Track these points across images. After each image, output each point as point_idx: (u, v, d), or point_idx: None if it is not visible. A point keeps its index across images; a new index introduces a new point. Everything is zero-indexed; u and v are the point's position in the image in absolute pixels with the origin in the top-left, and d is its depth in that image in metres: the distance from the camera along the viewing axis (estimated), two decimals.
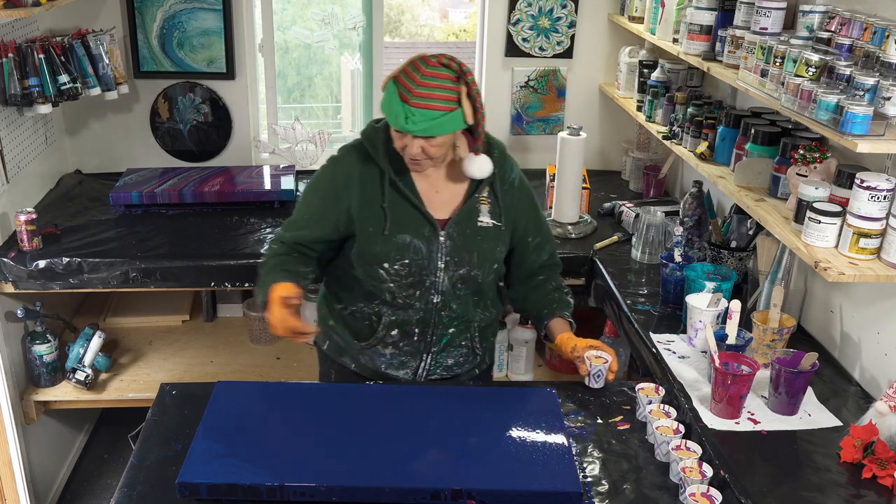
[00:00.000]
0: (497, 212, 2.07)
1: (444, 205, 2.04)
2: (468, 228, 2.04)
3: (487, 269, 2.08)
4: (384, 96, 1.89)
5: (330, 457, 1.71)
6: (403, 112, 1.84)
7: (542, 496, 1.64)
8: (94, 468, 3.46)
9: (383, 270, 2.02)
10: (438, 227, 2.01)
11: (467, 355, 2.18)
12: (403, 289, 2.04)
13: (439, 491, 1.62)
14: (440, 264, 2.02)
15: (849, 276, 1.87)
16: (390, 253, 2.00)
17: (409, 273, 2.02)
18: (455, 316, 2.10)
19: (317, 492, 1.62)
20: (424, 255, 2.01)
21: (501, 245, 2.10)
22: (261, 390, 2.00)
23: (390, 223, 1.99)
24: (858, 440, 1.79)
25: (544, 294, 2.18)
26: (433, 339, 2.11)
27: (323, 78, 5.97)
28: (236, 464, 1.66)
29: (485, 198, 2.06)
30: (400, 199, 2.00)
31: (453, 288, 2.06)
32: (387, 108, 1.88)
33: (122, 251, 2.84)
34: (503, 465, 1.70)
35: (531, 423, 1.84)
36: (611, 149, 3.82)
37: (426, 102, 1.84)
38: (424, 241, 2.01)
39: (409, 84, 1.84)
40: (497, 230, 2.07)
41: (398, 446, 1.75)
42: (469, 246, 2.04)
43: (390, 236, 1.99)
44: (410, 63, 1.87)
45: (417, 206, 2.00)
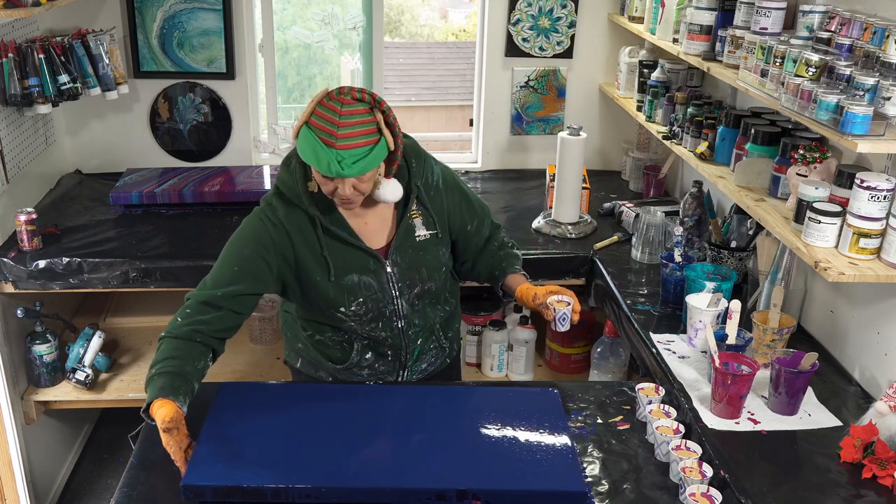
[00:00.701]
0: (431, 221, 2.05)
1: (377, 234, 2.02)
2: (409, 248, 2.02)
3: (438, 276, 2.08)
4: (301, 144, 1.81)
5: (334, 458, 1.70)
6: (334, 157, 1.77)
7: (547, 496, 1.64)
8: (94, 468, 3.46)
9: (341, 314, 2.01)
10: (382, 257, 2.00)
11: (437, 353, 2.20)
12: (366, 324, 2.03)
13: (444, 491, 1.62)
14: (395, 293, 2.02)
15: (849, 276, 1.87)
16: (343, 297, 1.98)
17: (367, 310, 2.01)
18: (420, 329, 2.11)
19: (321, 493, 1.62)
20: (377, 289, 2.00)
21: (444, 248, 2.09)
22: (263, 392, 2.00)
23: (334, 269, 1.96)
24: (858, 440, 1.79)
25: (490, 255, 2.18)
26: (407, 355, 2.13)
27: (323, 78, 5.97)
28: (240, 466, 1.65)
29: (415, 211, 2.04)
30: (336, 242, 1.97)
31: (412, 307, 2.06)
32: (312, 156, 1.79)
33: (122, 251, 2.84)
34: (508, 465, 1.70)
35: (534, 422, 1.84)
36: (611, 149, 3.82)
37: (352, 142, 1.77)
38: (373, 276, 1.99)
39: (330, 127, 1.77)
40: (436, 238, 2.06)
41: (402, 447, 1.75)
42: (416, 264, 2.03)
43: (338, 281, 1.97)
44: (320, 105, 1.79)
45: (355, 244, 1.98)
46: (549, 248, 2.97)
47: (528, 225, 3.13)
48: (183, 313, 1.90)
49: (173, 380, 1.77)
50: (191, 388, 1.80)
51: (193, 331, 1.87)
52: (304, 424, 1.82)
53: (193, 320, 1.88)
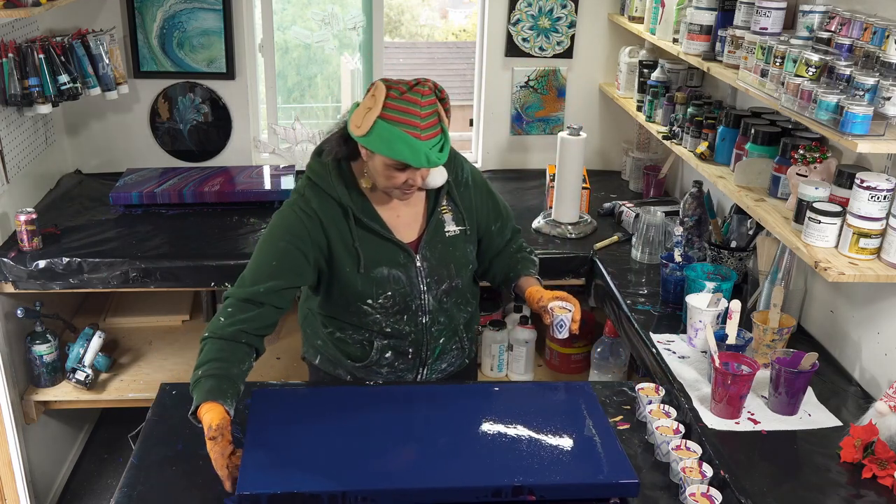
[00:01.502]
0: (460, 217, 2.06)
1: (409, 227, 2.03)
2: (439, 243, 2.03)
3: (465, 274, 2.09)
4: (380, 138, 1.80)
5: (386, 459, 1.70)
6: (426, 149, 1.80)
7: (600, 488, 1.65)
8: (94, 468, 3.46)
9: (368, 306, 2.01)
10: (412, 251, 2.00)
11: (458, 353, 2.20)
12: (391, 317, 2.04)
13: (500, 488, 1.63)
14: (423, 287, 2.02)
15: (849, 276, 1.87)
16: (371, 289, 1.99)
17: (394, 303, 2.02)
18: (443, 327, 2.11)
19: (379, 496, 1.61)
20: (405, 283, 2.00)
21: (471, 245, 2.10)
22: (297, 395, 1.99)
23: (364, 261, 1.96)
24: (858, 440, 1.79)
25: (507, 258, 2.19)
26: (427, 353, 2.12)
27: (323, 78, 5.97)
28: (293, 472, 1.64)
29: (445, 206, 2.05)
30: (368, 234, 1.97)
31: (439, 304, 2.06)
32: (405, 150, 1.79)
33: (122, 251, 2.84)
34: (558, 459, 1.71)
35: (575, 417, 1.86)
36: (611, 149, 3.82)
37: (432, 132, 1.82)
38: (402, 270, 2.00)
39: (415, 120, 1.79)
40: (464, 234, 2.07)
41: (450, 446, 1.75)
42: (445, 260, 2.04)
43: (367, 273, 1.97)
44: (397, 99, 1.79)
45: (387, 237, 1.98)
46: (549, 248, 2.97)
47: (528, 225, 3.13)
48: (225, 312, 1.90)
49: (220, 383, 1.76)
50: (237, 390, 1.79)
51: (238, 331, 1.87)
52: (346, 427, 1.81)
53: (237, 319, 1.88)
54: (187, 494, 1.68)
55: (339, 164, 1.97)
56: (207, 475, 1.72)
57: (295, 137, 3.59)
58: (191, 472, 1.73)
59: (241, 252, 2.88)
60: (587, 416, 1.85)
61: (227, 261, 2.84)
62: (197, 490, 1.69)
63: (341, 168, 1.97)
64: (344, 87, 5.82)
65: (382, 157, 1.84)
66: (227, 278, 2.85)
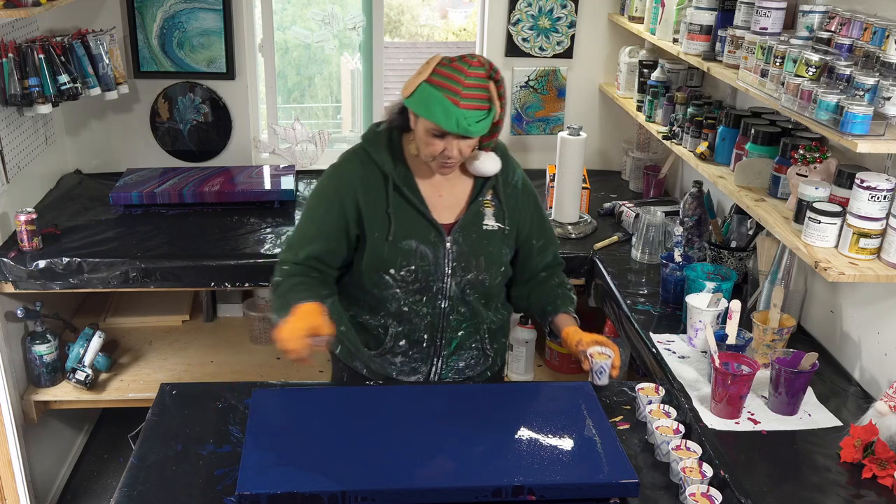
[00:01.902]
0: (501, 214, 2.06)
1: (448, 209, 2.03)
2: (474, 233, 2.03)
3: (494, 273, 2.07)
4: (419, 100, 1.85)
5: (386, 459, 1.70)
6: (461, 116, 1.82)
7: (600, 488, 1.65)
8: (94, 468, 3.46)
9: (389, 276, 2.01)
10: (444, 232, 2.01)
11: (478, 357, 2.17)
12: (410, 294, 2.03)
13: (500, 488, 1.63)
14: (447, 270, 2.01)
15: (849, 276, 1.87)
16: (396, 259, 1.99)
17: (415, 279, 2.01)
18: (464, 318, 2.09)
19: (379, 496, 1.61)
20: (431, 261, 2.00)
21: (507, 248, 2.09)
22: (298, 395, 1.98)
23: (395, 229, 1.97)
24: (858, 440, 1.79)
25: (548, 290, 2.17)
26: (442, 342, 2.10)
27: (323, 78, 5.97)
28: (293, 472, 1.64)
29: (488, 201, 2.05)
30: (405, 205, 1.99)
31: (461, 293, 2.05)
32: (439, 111, 1.82)
33: (122, 251, 2.84)
34: (558, 459, 1.71)
35: (575, 417, 1.86)
36: (611, 149, 3.82)
37: (473, 103, 1.83)
38: (431, 247, 2.00)
39: (456, 87, 1.81)
40: (502, 233, 2.06)
41: (450, 446, 1.75)
42: (476, 251, 2.03)
43: (395, 242, 1.98)
44: (445, 66, 1.84)
45: (423, 212, 1.99)
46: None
47: None
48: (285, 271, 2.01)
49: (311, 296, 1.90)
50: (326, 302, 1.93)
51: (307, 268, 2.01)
52: (347, 427, 1.81)
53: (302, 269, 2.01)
54: (187, 494, 1.68)
55: (391, 134, 2.00)
56: (207, 475, 1.72)
57: (295, 137, 3.59)
58: (191, 472, 1.73)
59: (242, 252, 2.88)
60: (587, 416, 1.85)
61: (227, 261, 2.84)
62: (197, 490, 1.69)
63: (392, 139, 2.00)
64: (344, 87, 5.82)
65: (422, 121, 1.87)
66: (227, 278, 2.85)
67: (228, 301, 3.59)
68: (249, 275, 2.85)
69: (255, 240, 2.97)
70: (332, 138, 3.75)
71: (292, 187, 3.29)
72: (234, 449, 1.80)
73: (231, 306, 3.59)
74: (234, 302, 3.58)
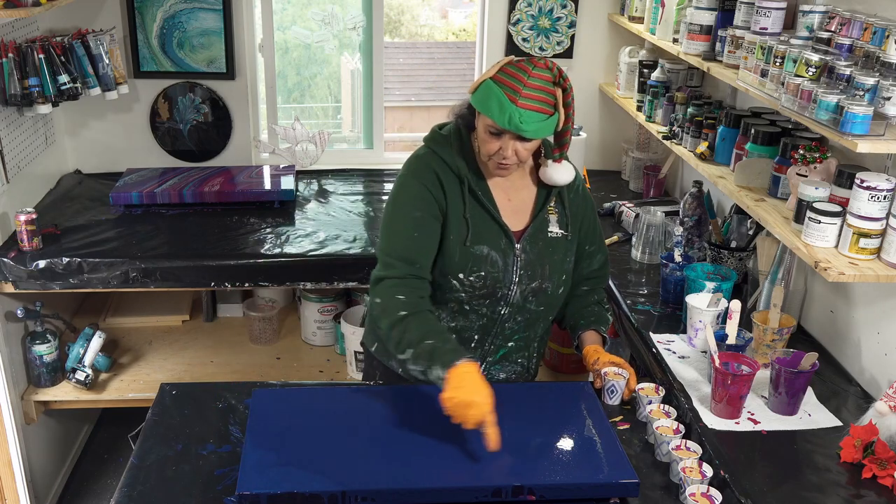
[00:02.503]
0: (565, 221, 2.03)
1: (516, 215, 2.00)
2: (540, 240, 2.00)
3: (557, 281, 2.04)
4: (481, 97, 1.84)
5: (386, 460, 1.70)
6: (516, 113, 1.81)
7: (600, 488, 1.65)
8: (94, 468, 3.46)
9: (457, 281, 1.96)
10: (514, 239, 1.98)
11: (521, 374, 2.14)
12: (474, 300, 1.99)
13: (500, 488, 1.63)
14: (515, 278, 1.98)
15: (849, 276, 1.87)
16: (468, 264, 1.95)
17: (483, 285, 1.97)
18: (518, 328, 2.06)
19: (379, 496, 1.61)
20: (500, 267, 1.96)
21: (570, 255, 2.06)
22: (298, 395, 1.98)
23: (471, 234, 1.94)
24: (858, 440, 1.79)
25: (585, 305, 2.15)
26: (491, 348, 2.07)
27: (323, 78, 5.98)
28: (293, 472, 1.64)
29: (552, 207, 2.03)
30: (479, 209, 1.96)
31: (524, 300, 2.01)
32: (495, 107, 1.81)
33: (122, 251, 2.84)
34: (558, 459, 1.71)
35: (574, 416, 1.86)
36: (611, 149, 3.82)
37: (533, 104, 1.81)
38: (501, 254, 1.96)
39: (517, 85, 1.81)
40: (566, 240, 2.04)
41: (450, 446, 1.75)
42: (542, 259, 2.00)
43: (469, 247, 1.94)
44: (512, 65, 1.84)
45: (495, 217, 1.96)
46: None
47: None
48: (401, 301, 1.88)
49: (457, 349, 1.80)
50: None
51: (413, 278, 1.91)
52: (348, 427, 1.81)
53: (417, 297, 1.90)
54: (187, 494, 1.68)
55: (459, 134, 1.98)
56: (207, 475, 1.72)
57: (295, 137, 3.59)
58: (191, 472, 1.73)
59: (242, 252, 2.88)
60: (587, 416, 1.85)
61: (227, 261, 2.84)
62: (197, 490, 1.69)
63: (462, 139, 1.98)
64: (344, 87, 5.82)
65: (481, 117, 1.87)
66: (227, 278, 2.85)
67: (228, 301, 3.59)
68: (249, 275, 2.85)
69: (255, 240, 2.97)
70: (332, 138, 3.75)
71: (292, 187, 3.29)
72: (234, 449, 1.80)
73: (231, 306, 3.59)
74: (234, 302, 3.58)
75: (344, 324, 3.16)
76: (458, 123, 1.99)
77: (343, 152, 3.93)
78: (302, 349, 3.39)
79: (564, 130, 1.92)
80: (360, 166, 3.82)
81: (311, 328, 3.39)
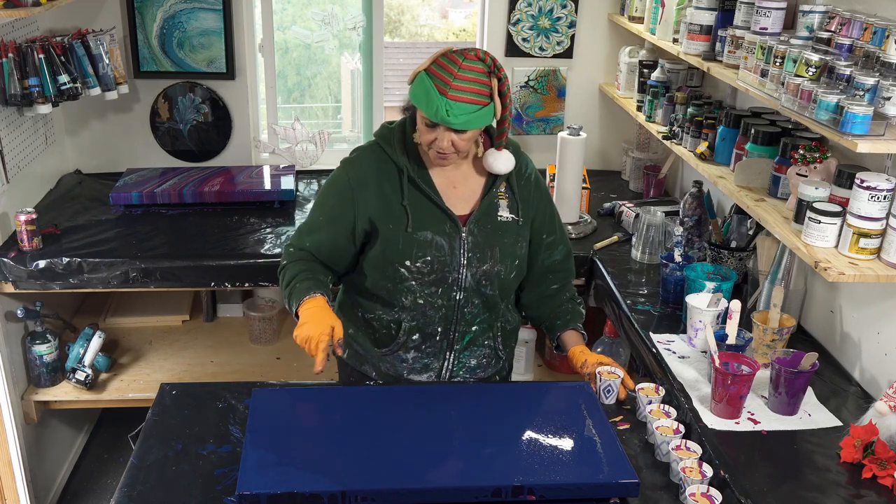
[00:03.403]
0: (515, 206, 2.07)
1: (463, 201, 2.04)
2: (489, 224, 2.04)
3: (509, 265, 2.07)
4: (415, 89, 1.89)
5: (386, 460, 1.70)
6: (443, 105, 1.83)
7: (600, 488, 1.65)
8: (94, 468, 3.46)
9: (405, 269, 2.00)
10: (460, 223, 2.01)
11: (490, 357, 2.16)
12: (425, 286, 2.02)
13: (500, 488, 1.63)
14: (463, 261, 2.02)
15: (849, 276, 1.87)
16: (412, 250, 1.99)
17: (431, 270, 2.01)
18: (478, 312, 2.09)
19: (379, 496, 1.61)
20: (447, 251, 2.00)
21: (522, 240, 2.09)
22: (298, 395, 1.98)
23: (412, 220, 1.98)
24: (858, 440, 1.79)
25: (558, 304, 2.18)
26: (455, 335, 2.09)
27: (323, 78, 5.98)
28: (293, 472, 1.64)
29: (502, 193, 2.06)
30: (419, 196, 2.00)
31: (477, 285, 2.05)
32: (423, 99, 1.86)
33: (122, 251, 2.84)
34: (557, 459, 1.71)
35: (574, 416, 1.86)
36: (611, 149, 3.82)
37: (464, 95, 1.84)
38: (446, 238, 2.00)
39: (447, 77, 1.84)
40: (517, 224, 2.07)
41: (450, 446, 1.75)
42: (490, 242, 2.03)
43: (412, 234, 1.98)
44: (444, 56, 1.87)
45: (437, 203, 2.00)
46: None
47: None
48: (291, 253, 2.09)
49: (316, 284, 1.98)
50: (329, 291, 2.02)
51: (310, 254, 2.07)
52: (348, 427, 1.81)
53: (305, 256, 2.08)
54: (187, 494, 1.68)
55: (404, 127, 2.03)
56: (207, 475, 1.72)
57: (295, 137, 3.59)
58: (191, 472, 1.73)
59: (242, 252, 2.88)
60: (587, 416, 1.85)
61: (227, 261, 2.84)
62: (197, 490, 1.69)
63: (405, 134, 2.02)
64: (344, 87, 5.82)
65: (418, 110, 1.91)
66: (227, 278, 2.85)
67: (228, 301, 3.59)
68: (249, 275, 2.85)
69: (255, 240, 2.97)
70: (332, 138, 3.75)
71: (292, 187, 3.29)
72: (234, 449, 1.80)
73: (231, 306, 3.59)
74: (234, 302, 3.59)
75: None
76: (404, 116, 2.05)
77: (343, 152, 3.89)
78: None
79: (503, 119, 1.95)
80: None
81: None
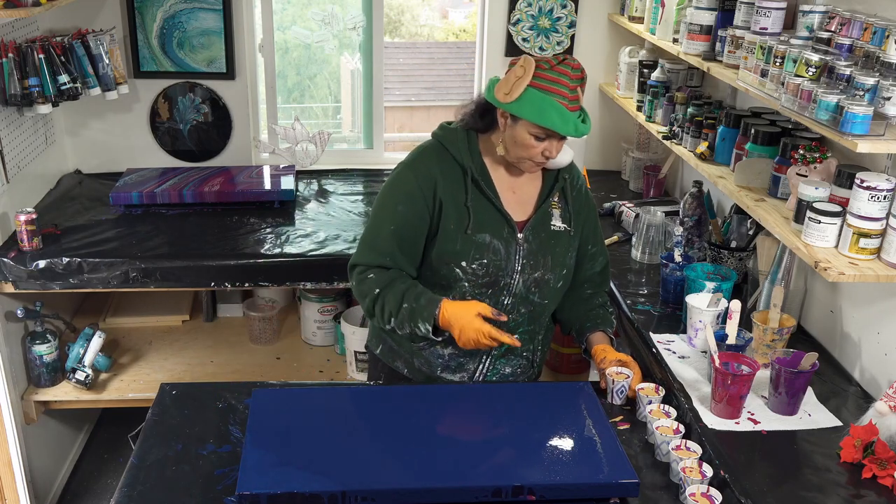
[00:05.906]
0: (567, 216, 2.09)
1: (519, 206, 2.05)
2: (543, 232, 2.05)
3: (559, 274, 2.08)
4: (530, 104, 1.86)
5: (386, 460, 1.70)
6: (577, 119, 1.88)
7: (600, 488, 1.66)
8: (94, 468, 3.46)
9: (460, 269, 2.01)
10: (517, 229, 2.02)
11: (526, 367, 2.16)
12: (477, 288, 2.03)
13: (500, 488, 1.63)
14: (517, 266, 2.02)
15: (849, 276, 1.87)
16: (470, 252, 1.99)
17: (485, 273, 2.01)
18: (522, 321, 2.08)
19: (379, 496, 1.61)
20: (503, 256, 2.01)
21: (572, 250, 2.11)
22: (299, 395, 1.99)
23: (473, 222, 1.99)
24: (858, 440, 1.79)
25: (590, 308, 2.19)
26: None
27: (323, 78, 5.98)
28: (293, 472, 1.64)
29: (556, 202, 2.08)
30: (481, 198, 2.01)
31: (527, 291, 2.05)
32: (556, 118, 1.86)
33: (122, 251, 2.84)
34: (558, 459, 1.71)
35: (575, 416, 1.86)
36: (611, 149, 3.82)
37: (577, 105, 1.90)
38: (503, 243, 2.01)
39: (564, 91, 1.87)
40: (568, 235, 2.09)
41: (450, 446, 1.75)
42: (544, 250, 2.05)
43: (471, 235, 1.99)
44: (549, 69, 1.87)
45: (498, 207, 2.01)
46: None
47: None
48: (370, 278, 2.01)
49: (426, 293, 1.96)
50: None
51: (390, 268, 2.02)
52: (348, 427, 1.81)
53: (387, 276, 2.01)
54: (187, 494, 1.68)
55: (467, 133, 2.03)
56: (207, 475, 1.72)
57: (295, 137, 3.59)
58: (191, 472, 1.73)
59: (242, 252, 2.88)
60: (587, 416, 1.85)
61: (227, 261, 2.84)
62: (197, 490, 1.69)
63: (470, 137, 2.02)
64: (344, 87, 5.82)
65: (527, 125, 1.90)
66: (227, 278, 2.85)
67: (228, 301, 3.59)
68: (249, 275, 2.85)
69: (255, 240, 2.97)
70: (332, 138, 3.75)
71: (292, 187, 3.29)
72: (234, 449, 1.80)
73: (231, 306, 3.59)
74: (234, 302, 3.59)
75: (344, 324, 3.16)
76: (466, 123, 2.04)
77: (343, 152, 3.93)
78: (302, 349, 3.39)
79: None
80: (360, 166, 3.82)
81: (311, 328, 3.39)
